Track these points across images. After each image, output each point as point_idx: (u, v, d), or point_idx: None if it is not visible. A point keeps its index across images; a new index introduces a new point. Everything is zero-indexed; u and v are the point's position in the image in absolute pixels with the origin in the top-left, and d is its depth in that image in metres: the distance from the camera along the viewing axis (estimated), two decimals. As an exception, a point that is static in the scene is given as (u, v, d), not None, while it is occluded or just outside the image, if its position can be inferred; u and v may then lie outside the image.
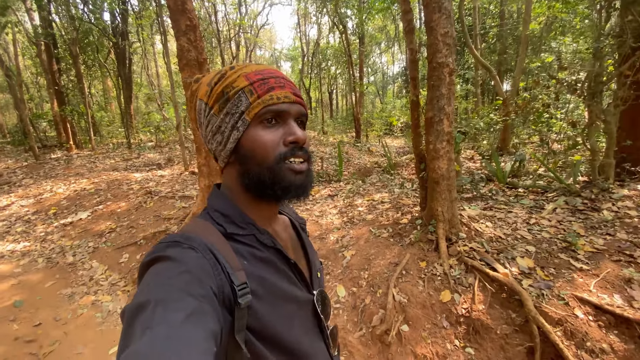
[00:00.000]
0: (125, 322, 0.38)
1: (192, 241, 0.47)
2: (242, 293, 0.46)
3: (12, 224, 4.81)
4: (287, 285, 0.56)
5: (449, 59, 2.38)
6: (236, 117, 0.52)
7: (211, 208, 0.57)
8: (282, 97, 0.53)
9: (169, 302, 0.38)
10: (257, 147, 0.52)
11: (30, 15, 10.08)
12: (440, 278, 2.32)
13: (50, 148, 10.45)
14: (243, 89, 0.52)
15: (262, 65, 0.56)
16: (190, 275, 0.42)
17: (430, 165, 2.55)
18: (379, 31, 21.66)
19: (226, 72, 0.54)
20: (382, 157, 8.89)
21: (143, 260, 0.46)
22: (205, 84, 0.56)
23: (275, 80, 0.53)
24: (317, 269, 0.68)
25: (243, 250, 0.52)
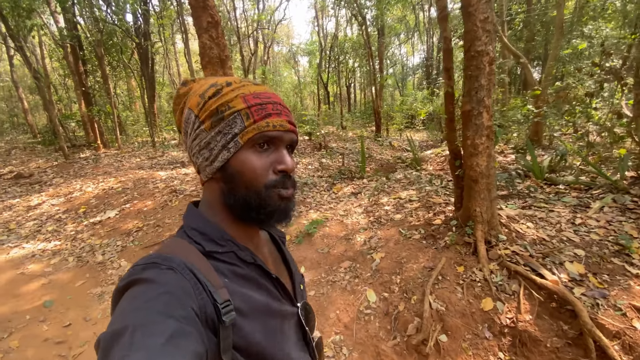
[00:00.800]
0: (101, 352, 0.35)
1: (170, 261, 0.46)
2: (226, 311, 0.45)
3: (43, 222, 4.97)
4: (270, 300, 0.55)
5: (489, 47, 2.18)
6: (228, 138, 0.52)
7: (188, 226, 0.55)
8: (277, 125, 0.53)
9: (148, 325, 0.36)
10: (246, 171, 0.52)
11: (55, 17, 10.39)
12: (481, 284, 2.15)
13: (79, 147, 10.83)
14: (240, 111, 0.52)
15: (260, 86, 0.56)
16: (170, 296, 0.41)
17: (467, 162, 2.37)
18: (398, 22, 21.09)
19: (222, 89, 0.53)
20: (405, 151, 8.64)
21: (118, 285, 0.44)
22: (198, 94, 0.55)
23: (272, 107, 0.53)
24: (299, 282, 0.68)
25: (223, 268, 0.52)
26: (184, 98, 0.58)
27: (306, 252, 3.03)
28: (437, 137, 11.27)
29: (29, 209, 5.59)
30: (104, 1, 10.51)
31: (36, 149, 11.46)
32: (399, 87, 24.38)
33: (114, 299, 0.44)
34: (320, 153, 8.09)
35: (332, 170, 6.15)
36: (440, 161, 6.59)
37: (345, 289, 2.52)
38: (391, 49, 24.01)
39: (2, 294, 3.17)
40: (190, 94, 0.57)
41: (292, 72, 30.39)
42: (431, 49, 20.60)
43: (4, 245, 4.24)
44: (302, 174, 6.16)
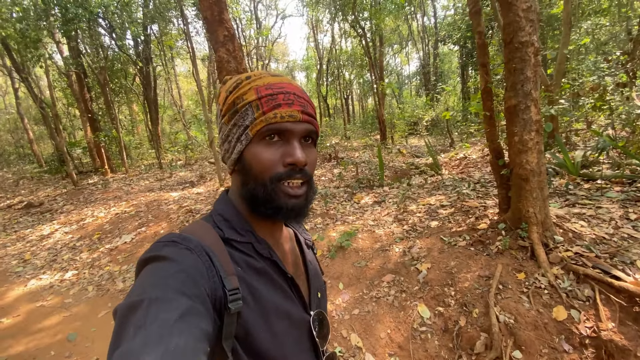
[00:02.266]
0: (118, 321, 0.37)
1: (188, 242, 0.47)
2: (233, 298, 0.45)
3: (58, 251, 4.82)
4: (281, 300, 0.54)
5: (534, 37, 2.07)
6: (241, 131, 0.52)
7: (215, 211, 0.57)
8: (286, 116, 0.51)
9: (163, 301, 0.37)
10: (255, 163, 0.52)
11: (60, 48, 10.51)
12: (548, 292, 1.97)
13: (86, 174, 10.78)
14: (251, 103, 0.52)
15: (277, 77, 0.55)
16: (185, 275, 0.42)
17: (515, 160, 2.23)
18: (392, 32, 21.38)
19: (241, 82, 0.54)
20: (416, 157, 8.52)
21: (140, 258, 0.45)
22: (224, 89, 0.56)
23: (284, 97, 0.52)
24: (318, 289, 0.65)
25: (238, 257, 0.52)
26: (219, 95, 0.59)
27: (342, 266, 2.85)
28: (444, 141, 11.18)
29: (42, 239, 5.45)
30: (105, 29, 10.66)
31: (43, 178, 11.41)
32: (395, 96, 24.52)
33: (137, 270, 0.45)
34: (331, 164, 7.97)
35: (347, 180, 6.01)
36: (456, 164, 6.45)
37: (392, 305, 2.33)
38: (385, 59, 24.28)
39: (23, 329, 3.00)
40: (221, 91, 0.58)
41: (290, 88, 30.70)
42: (427, 56, 20.79)
43: (21, 278, 4.08)
44: (317, 185, 6.01)
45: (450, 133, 10.39)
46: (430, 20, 21.11)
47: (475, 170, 5.33)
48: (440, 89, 15.57)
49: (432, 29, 20.19)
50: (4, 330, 2.96)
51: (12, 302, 3.48)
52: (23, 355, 2.60)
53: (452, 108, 15.66)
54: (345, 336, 2.20)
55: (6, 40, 8.49)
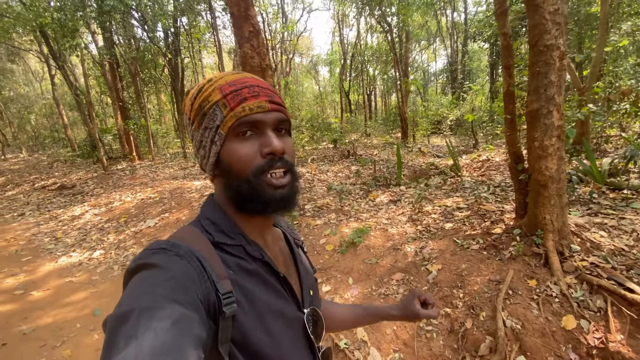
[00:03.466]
0: (108, 332, 0.36)
1: (178, 248, 0.46)
2: (228, 302, 0.45)
3: (88, 232, 5.13)
4: (275, 300, 0.54)
5: (559, 41, 2.02)
6: (213, 132, 0.52)
7: (202, 216, 0.56)
8: (254, 108, 0.51)
9: (154, 309, 0.36)
10: (233, 161, 0.52)
11: (95, 38, 11.02)
12: (559, 300, 1.94)
13: (115, 160, 11.31)
14: (217, 102, 0.51)
15: (238, 74, 0.55)
16: (175, 282, 0.41)
17: (535, 165, 2.19)
18: (419, 28, 20.90)
19: (204, 86, 0.54)
20: (436, 157, 8.38)
21: (128, 267, 0.45)
22: (189, 98, 0.56)
23: (248, 90, 0.52)
24: (310, 287, 0.65)
25: (230, 260, 0.51)
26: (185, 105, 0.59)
27: (352, 262, 2.91)
28: (468, 142, 10.90)
29: (73, 219, 5.82)
30: (138, 21, 11.07)
31: (76, 162, 12.06)
32: (420, 94, 24.02)
33: (125, 280, 0.44)
34: (349, 161, 7.99)
35: (364, 178, 6.02)
36: (477, 167, 6.31)
37: (400, 302, 2.37)
38: (412, 55, 23.79)
39: (52, 302, 3.24)
40: (185, 101, 0.57)
41: (312, 83, 30.73)
42: (455, 53, 20.22)
43: (52, 254, 4.40)
44: (333, 181, 6.07)
45: (475, 134, 10.12)
46: (460, 16, 20.48)
47: (497, 174, 5.20)
48: (467, 87, 15.15)
49: (462, 25, 19.59)
50: (34, 303, 3.22)
51: (42, 276, 3.77)
52: (51, 326, 2.83)
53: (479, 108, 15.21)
54: (351, 329, 2.26)
55: (44, 29, 8.99)
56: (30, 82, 21.94)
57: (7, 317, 2.97)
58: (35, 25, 8.61)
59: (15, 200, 7.83)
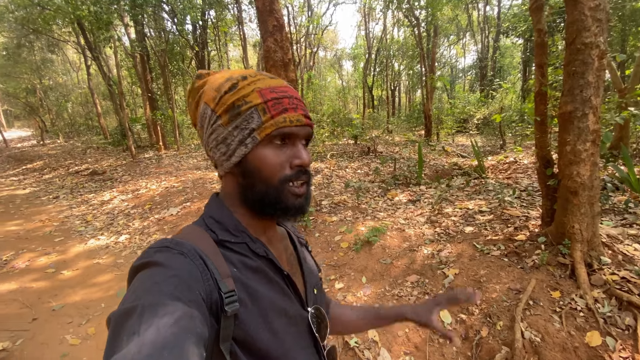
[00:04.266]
0: (111, 329, 0.36)
1: (181, 246, 0.47)
2: (229, 301, 0.46)
3: (115, 216, 5.38)
4: (279, 297, 0.54)
5: (599, 39, 1.88)
6: (246, 134, 0.52)
7: (206, 214, 0.57)
8: (294, 121, 0.52)
9: (157, 307, 0.37)
10: (264, 167, 0.52)
11: (127, 30, 11.43)
12: (584, 315, 1.84)
13: (143, 148, 11.75)
14: (256, 106, 0.51)
15: (275, 79, 0.55)
16: (178, 280, 0.42)
17: (565, 170, 2.07)
18: (449, 22, 20.18)
19: (238, 82, 0.53)
20: (460, 157, 8.13)
21: (132, 265, 0.45)
22: (214, 88, 0.54)
23: (289, 101, 0.53)
24: (314, 285, 0.66)
25: (234, 258, 0.52)
26: (199, 91, 0.57)
27: (367, 261, 2.88)
28: (495, 142, 10.49)
29: (102, 204, 6.12)
30: (168, 14, 11.36)
31: (107, 149, 12.65)
32: (447, 90, 23.29)
33: (129, 279, 0.45)
34: (369, 158, 7.90)
35: (383, 176, 5.93)
36: (503, 169, 6.06)
37: (414, 305, 2.32)
38: (439, 50, 23.07)
39: (81, 282, 3.43)
40: (206, 88, 0.56)
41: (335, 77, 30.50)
42: (486, 49, 19.41)
43: (82, 236, 4.65)
44: (351, 177, 6.02)
45: (503, 134, 9.71)
46: (493, 10, 19.58)
47: (525, 177, 4.98)
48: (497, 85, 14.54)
49: (494, 19, 18.75)
50: (65, 281, 3.42)
51: (73, 257, 3.99)
52: (78, 304, 3.00)
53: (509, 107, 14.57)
54: (362, 329, 2.25)
55: (81, 21, 9.40)
56: (68, 71, 23.10)
57: (39, 293, 3.18)
58: (73, 17, 9.04)
59: (51, 184, 8.33)
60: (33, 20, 11.38)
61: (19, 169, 10.73)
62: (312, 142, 8.44)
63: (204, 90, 0.56)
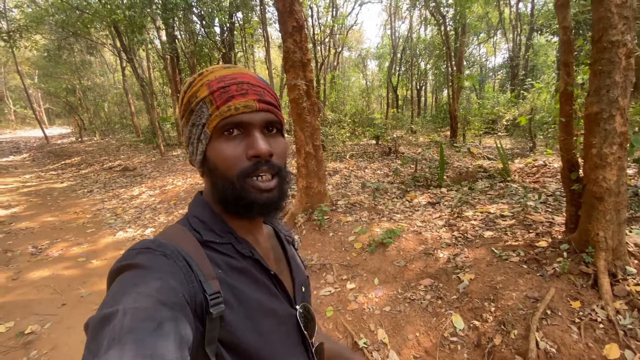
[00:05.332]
0: (90, 335, 0.35)
1: (164, 248, 0.45)
2: (215, 303, 0.44)
3: (142, 211, 5.67)
4: (266, 298, 0.53)
5: (627, 37, 1.77)
6: (199, 129, 0.51)
7: (191, 214, 0.55)
8: (240, 107, 0.49)
9: (138, 310, 0.35)
10: (218, 161, 0.50)
11: (159, 33, 11.95)
12: (604, 326, 1.75)
13: (171, 147, 12.26)
14: (204, 99, 0.50)
15: (229, 68, 0.53)
16: (161, 282, 0.40)
17: (590, 175, 1.97)
18: (479, 20, 19.48)
19: (194, 80, 0.52)
20: (487, 160, 7.85)
21: (111, 268, 0.44)
22: (182, 90, 0.55)
23: (237, 87, 0.50)
24: (302, 283, 0.65)
25: (219, 259, 0.50)
26: None
27: (380, 263, 2.87)
28: (525, 145, 10.04)
29: (131, 198, 6.46)
30: (197, 17, 11.77)
31: (139, 147, 13.30)
32: (476, 90, 22.51)
33: (108, 282, 0.44)
34: (390, 158, 7.80)
35: (403, 177, 5.85)
36: (531, 172, 5.80)
37: (425, 309, 2.29)
38: (469, 49, 22.33)
39: (107, 271, 3.65)
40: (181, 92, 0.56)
41: (360, 77, 30.29)
42: (517, 47, 18.58)
43: (112, 229, 4.94)
44: (370, 178, 5.98)
45: (533, 136, 9.29)
46: (526, 6, 18.70)
47: (553, 181, 4.74)
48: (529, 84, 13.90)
49: (527, 16, 17.90)
50: (93, 270, 3.65)
51: (102, 248, 4.25)
52: (103, 293, 3.14)
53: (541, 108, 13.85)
54: (372, 330, 2.25)
55: (117, 25, 9.94)
56: (105, 73, 24.49)
57: (69, 280, 3.42)
58: (109, 21, 9.59)
59: (86, 178, 8.88)
60: (72, 24, 12.14)
61: (58, 164, 11.52)
62: (332, 143, 8.45)
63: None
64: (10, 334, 2.59)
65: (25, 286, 3.33)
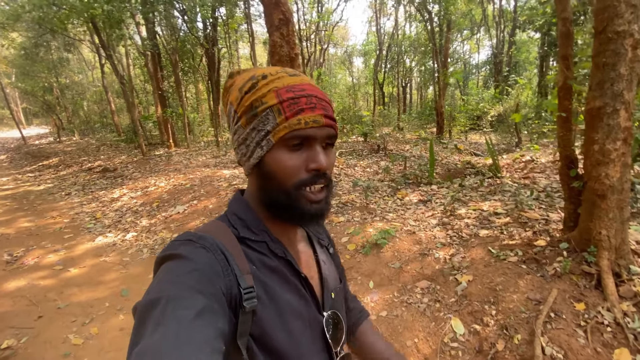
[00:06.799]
0: (137, 318, 0.38)
1: (204, 240, 0.47)
2: (248, 297, 0.46)
3: (123, 214, 5.40)
4: (295, 299, 0.54)
5: (634, 27, 1.70)
6: (262, 135, 0.51)
7: (230, 211, 0.58)
8: (310, 122, 0.50)
9: (180, 299, 0.38)
10: (278, 170, 0.51)
11: (139, 29, 11.50)
12: (611, 330, 1.68)
13: (154, 146, 11.86)
14: (272, 107, 0.49)
15: (296, 77, 0.52)
16: (200, 273, 0.43)
17: (592, 172, 1.90)
18: (463, 17, 19.67)
19: (258, 82, 0.51)
20: (474, 156, 7.88)
21: (157, 256, 0.47)
22: (237, 88, 0.54)
23: (306, 100, 0.50)
24: (333, 290, 0.64)
25: (253, 255, 0.52)
26: (229, 91, 0.57)
27: (375, 265, 2.76)
28: (510, 140, 10.16)
29: (112, 201, 6.16)
30: (179, 12, 11.38)
31: (120, 146, 12.82)
32: (460, 87, 22.77)
33: (155, 268, 0.46)
34: (379, 156, 7.73)
35: (393, 174, 5.78)
36: (520, 167, 5.82)
37: (423, 313, 2.20)
38: (452, 46, 22.54)
39: (86, 280, 3.42)
40: (233, 88, 0.56)
41: (346, 74, 30.23)
42: (501, 44, 18.85)
43: (90, 233, 4.67)
44: (360, 176, 5.89)
45: (519, 132, 9.40)
46: (509, 3, 18.96)
47: (543, 177, 4.75)
48: (512, 81, 14.10)
49: (510, 13, 18.17)
50: (71, 279, 3.41)
51: (81, 254, 4.00)
52: (82, 303, 2.98)
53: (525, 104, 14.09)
54: (369, 337, 2.13)
55: (95, 20, 9.49)
56: (83, 70, 23.55)
57: (46, 290, 3.18)
58: (87, 16, 9.13)
59: (65, 180, 8.46)
60: (49, 20, 11.58)
61: (35, 166, 10.98)
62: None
63: (232, 90, 0.56)
64: (-17, 351, 2.37)
65: (1, 297, 3.08)
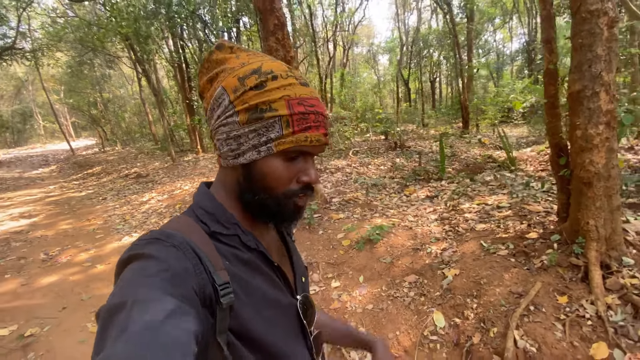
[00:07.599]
0: (100, 324, 0.35)
1: (173, 238, 0.45)
2: (224, 293, 0.45)
3: (149, 215, 5.81)
4: (270, 289, 0.55)
5: (607, 4, 1.61)
6: (262, 141, 0.49)
7: (196, 205, 0.55)
8: (314, 141, 0.51)
9: (147, 302, 0.35)
10: (271, 177, 0.51)
11: (167, 42, 12.26)
12: (592, 323, 1.60)
13: (184, 152, 12.56)
14: (281, 117, 0.48)
15: (306, 87, 0.51)
16: (170, 273, 0.40)
17: (577, 159, 1.81)
18: (492, 5, 18.72)
19: (267, 81, 0.49)
20: (498, 149, 7.53)
21: (120, 257, 0.44)
22: (236, 76, 0.50)
23: (314, 118, 0.50)
24: (302, 274, 0.67)
25: (225, 250, 0.51)
26: (217, 67, 0.53)
27: (367, 260, 2.78)
28: (541, 132, 9.55)
29: (141, 204, 6.64)
30: (201, 23, 11.98)
31: (155, 154, 13.71)
32: (493, 78, 21.65)
33: (117, 271, 0.43)
34: (395, 153, 7.63)
35: (405, 171, 5.69)
36: (542, 160, 5.49)
37: (408, 307, 2.20)
38: (484, 36, 21.52)
39: (110, 276, 3.68)
40: (227, 69, 0.52)
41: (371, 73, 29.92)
42: (534, 31, 17.71)
43: (119, 234, 5.09)
44: (373, 174, 5.86)
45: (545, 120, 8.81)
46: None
47: (564, 168, 4.46)
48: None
49: (543, -3, 17.02)
50: (97, 274, 3.76)
51: (107, 252, 4.38)
52: (104, 296, 3.25)
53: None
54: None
55: (129, 37, 10.29)
56: (124, 84, 25.45)
57: (73, 285, 3.54)
58: (120, 34, 9.93)
59: (104, 186, 9.24)
60: (89, 40, 12.68)
61: (80, 174, 12.07)
62: (334, 140, 8.38)
63: (224, 71, 0.52)
64: (13, 337, 2.71)
65: (33, 292, 3.48)
